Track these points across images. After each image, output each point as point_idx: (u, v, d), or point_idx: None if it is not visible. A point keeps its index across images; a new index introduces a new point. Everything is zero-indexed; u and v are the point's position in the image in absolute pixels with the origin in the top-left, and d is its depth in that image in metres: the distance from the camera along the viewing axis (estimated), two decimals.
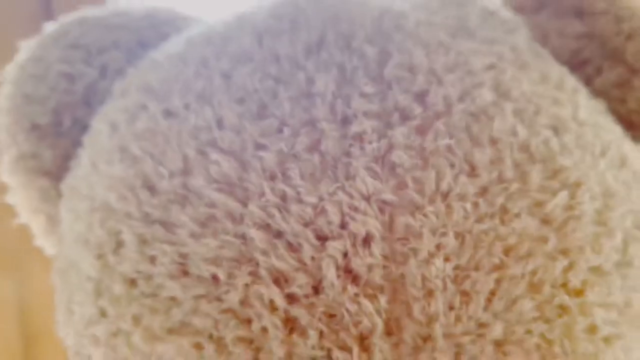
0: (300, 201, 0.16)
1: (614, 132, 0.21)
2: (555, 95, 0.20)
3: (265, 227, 0.17)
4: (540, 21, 0.24)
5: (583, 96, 0.21)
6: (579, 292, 0.17)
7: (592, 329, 0.17)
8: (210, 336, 0.17)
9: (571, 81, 0.22)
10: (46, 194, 0.23)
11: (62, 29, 0.24)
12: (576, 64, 0.23)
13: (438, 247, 0.16)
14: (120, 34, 0.24)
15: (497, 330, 0.17)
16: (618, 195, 0.19)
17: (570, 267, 0.17)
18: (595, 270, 0.18)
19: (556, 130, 0.19)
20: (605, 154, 0.19)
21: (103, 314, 0.18)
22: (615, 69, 0.23)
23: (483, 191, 0.17)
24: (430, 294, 0.16)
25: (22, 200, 0.24)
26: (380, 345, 0.16)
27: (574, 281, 0.17)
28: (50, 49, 0.24)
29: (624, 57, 0.23)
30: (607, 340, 0.18)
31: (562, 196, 0.18)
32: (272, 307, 0.16)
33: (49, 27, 0.25)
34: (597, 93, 0.23)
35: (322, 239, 0.16)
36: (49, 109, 0.23)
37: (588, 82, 0.23)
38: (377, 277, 0.16)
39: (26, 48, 0.25)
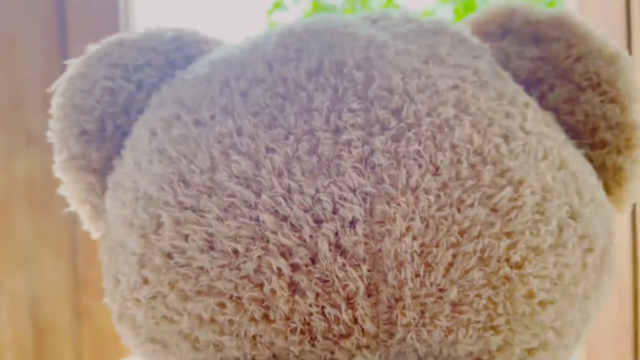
0: (301, 192, 0.21)
1: (556, 140, 0.26)
2: (508, 110, 0.25)
3: (274, 212, 0.21)
4: (504, 46, 0.29)
5: (532, 110, 0.26)
6: (519, 266, 0.22)
7: (529, 295, 0.22)
8: (231, 297, 0.22)
9: (523, 97, 0.26)
10: (92, 187, 0.28)
11: (104, 50, 0.29)
12: (533, 82, 0.28)
13: (407, 228, 0.21)
14: (152, 55, 0.29)
15: (453, 293, 0.21)
16: (555, 190, 0.24)
17: (512, 246, 0.22)
18: (533, 249, 0.23)
19: (506, 138, 0.24)
20: (546, 158, 0.24)
21: (145, 281, 0.23)
22: (565, 86, 0.28)
23: (444, 186, 0.22)
24: (401, 264, 0.21)
25: (72, 193, 0.29)
26: (362, 303, 0.21)
27: (515, 257, 0.22)
28: (95, 67, 0.28)
29: (572, 77, 0.28)
30: (542, 304, 0.23)
31: (507, 190, 0.22)
32: (279, 274, 0.21)
33: (92, 48, 0.30)
34: (550, 106, 0.28)
35: (318, 221, 0.21)
36: (95, 118, 0.28)
37: (542, 97, 0.28)
38: (360, 251, 0.21)
39: (73, 65, 0.29)
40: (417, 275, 0.21)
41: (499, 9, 0.29)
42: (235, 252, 0.21)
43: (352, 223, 0.21)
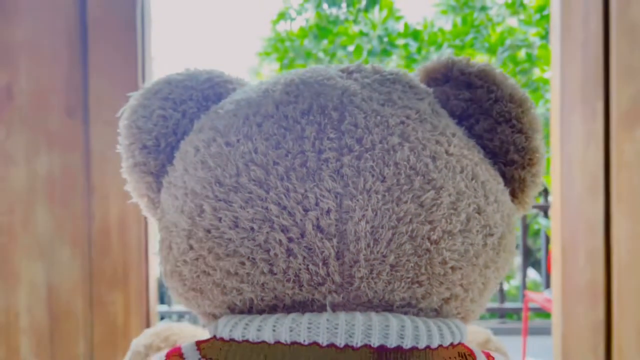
0: (295, 191, 0.34)
1: (472, 159, 0.38)
2: (438, 138, 0.37)
3: (278, 204, 0.34)
4: (446, 89, 0.41)
5: (457, 138, 0.38)
6: (436, 242, 0.35)
7: (443, 262, 0.35)
8: (248, 258, 0.34)
9: (452, 128, 0.39)
10: (150, 185, 0.41)
11: (157, 87, 0.42)
12: (465, 117, 0.41)
13: (363, 216, 0.34)
14: (192, 92, 0.41)
15: (391, 258, 0.34)
16: (466, 194, 0.36)
17: (432, 229, 0.35)
18: (447, 232, 0.35)
19: (434, 158, 0.36)
20: (462, 172, 0.37)
21: (191, 247, 0.36)
22: (487, 121, 0.41)
23: (388, 189, 0.34)
24: (358, 239, 0.34)
25: (134, 189, 0.42)
26: (333, 263, 0.34)
27: (434, 236, 0.35)
28: (152, 100, 0.41)
29: (492, 114, 0.41)
30: (452, 268, 0.35)
31: (431, 193, 0.35)
32: (280, 244, 0.34)
33: (147, 84, 0.43)
34: (476, 134, 0.40)
35: (306, 210, 0.34)
36: (152, 136, 0.40)
37: (471, 127, 0.40)
38: (332, 230, 0.34)
39: (134, 97, 0.42)
40: (369, 246, 0.34)
41: (443, 61, 0.42)
42: (252, 229, 0.34)
43: (328, 212, 0.34)
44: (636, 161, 1.20)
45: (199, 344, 0.35)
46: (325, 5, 3.78)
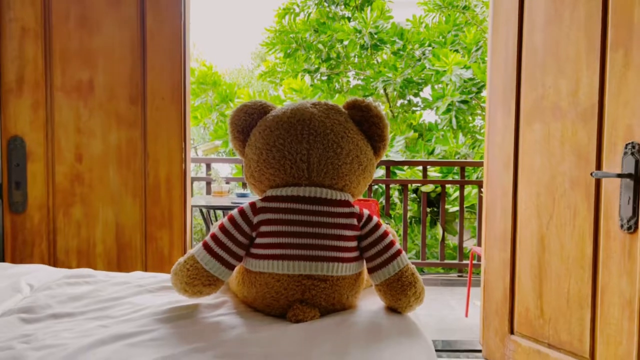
0: (294, 147, 1.25)
1: (357, 138, 1.29)
2: (344, 131, 1.28)
3: (287, 151, 1.25)
4: (353, 111, 1.33)
5: (352, 130, 1.29)
6: (340, 166, 1.26)
7: (342, 172, 1.26)
8: (278, 169, 1.26)
9: (352, 126, 1.30)
10: (242, 145, 1.32)
11: (241, 107, 1.33)
12: (359, 122, 1.33)
13: (316, 156, 1.25)
14: (255, 110, 1.33)
15: (324, 171, 1.25)
16: (353, 151, 1.27)
17: (338, 161, 1.26)
18: (344, 161, 1.26)
19: (342, 137, 1.27)
20: (352, 143, 1.28)
21: (258, 165, 1.27)
22: (367, 124, 1.32)
23: (324, 148, 1.25)
24: (314, 163, 1.25)
25: (234, 147, 1.33)
26: (305, 171, 1.25)
27: (339, 163, 1.26)
28: (239, 113, 1.33)
29: (369, 121, 1.32)
30: (346, 175, 1.26)
31: (339, 150, 1.26)
32: (288, 165, 1.25)
33: (238, 106, 1.34)
34: (364, 130, 1.31)
35: (297, 153, 1.25)
36: (240, 127, 1.32)
37: (361, 127, 1.32)
38: (305, 159, 1.25)
39: (233, 111, 1.33)
40: (317, 166, 1.25)
41: (353, 100, 1.33)
42: (279, 160, 1.25)
43: (304, 154, 1.25)
44: (533, 146, 2.03)
45: (260, 199, 1.26)
46: (325, 3, 4.69)
